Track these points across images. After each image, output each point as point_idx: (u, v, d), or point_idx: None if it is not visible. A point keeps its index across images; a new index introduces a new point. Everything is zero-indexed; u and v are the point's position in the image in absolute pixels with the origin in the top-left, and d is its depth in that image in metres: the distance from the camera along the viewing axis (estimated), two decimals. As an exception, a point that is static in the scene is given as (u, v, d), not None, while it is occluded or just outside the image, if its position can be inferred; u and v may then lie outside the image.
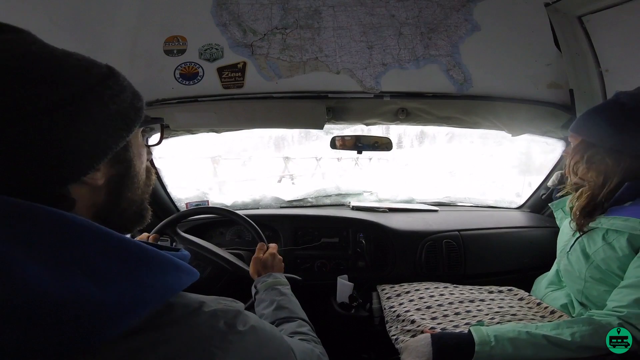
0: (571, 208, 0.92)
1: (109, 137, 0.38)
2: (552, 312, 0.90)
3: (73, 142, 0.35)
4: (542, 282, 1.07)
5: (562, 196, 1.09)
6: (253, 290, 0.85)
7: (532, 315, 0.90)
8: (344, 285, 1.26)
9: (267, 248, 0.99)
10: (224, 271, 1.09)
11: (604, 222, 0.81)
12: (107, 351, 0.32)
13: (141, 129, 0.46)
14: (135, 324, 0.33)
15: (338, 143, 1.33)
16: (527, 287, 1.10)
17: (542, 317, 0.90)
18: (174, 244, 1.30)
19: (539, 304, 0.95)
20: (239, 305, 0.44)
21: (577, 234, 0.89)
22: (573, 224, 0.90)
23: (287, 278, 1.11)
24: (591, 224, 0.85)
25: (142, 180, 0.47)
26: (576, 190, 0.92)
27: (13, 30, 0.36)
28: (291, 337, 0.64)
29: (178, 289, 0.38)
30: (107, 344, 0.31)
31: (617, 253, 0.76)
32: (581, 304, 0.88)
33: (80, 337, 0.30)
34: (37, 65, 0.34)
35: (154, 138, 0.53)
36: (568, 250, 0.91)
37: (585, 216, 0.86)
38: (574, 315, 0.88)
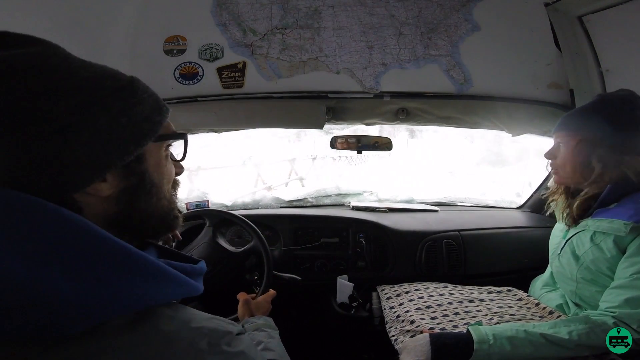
0: (564, 209, 0.92)
1: (114, 151, 0.37)
2: (551, 313, 0.90)
3: (71, 154, 0.35)
4: (537, 283, 1.07)
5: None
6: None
7: (531, 315, 0.90)
8: (344, 286, 1.26)
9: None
10: (230, 273, 1.09)
11: (590, 224, 0.83)
12: (69, 347, 0.32)
13: (165, 142, 0.46)
14: (100, 325, 0.33)
15: (338, 143, 1.33)
16: (527, 288, 1.10)
17: (541, 317, 0.90)
18: (173, 243, 1.30)
19: (537, 304, 0.95)
20: (234, 327, 0.42)
21: (567, 236, 0.90)
22: (568, 221, 0.90)
23: (287, 278, 1.12)
24: (579, 226, 0.86)
25: (165, 192, 0.46)
26: (566, 192, 0.93)
27: (34, 42, 0.37)
28: None
29: (160, 299, 0.37)
30: (68, 340, 0.32)
31: (605, 254, 0.77)
32: (576, 304, 0.88)
33: (40, 326, 0.31)
34: (46, 78, 0.35)
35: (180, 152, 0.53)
36: (559, 252, 0.92)
37: (583, 213, 0.87)
38: (570, 315, 0.88)
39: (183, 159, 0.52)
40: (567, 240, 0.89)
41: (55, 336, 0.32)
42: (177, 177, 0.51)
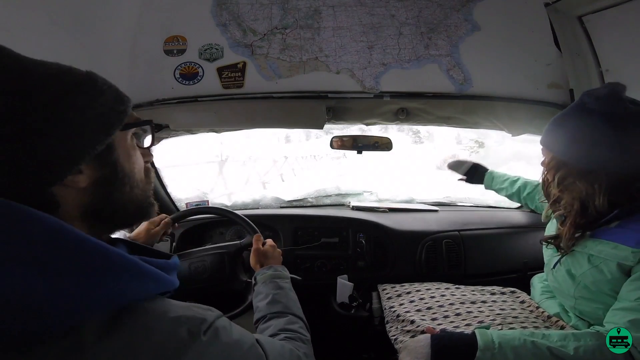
0: (553, 234, 0.85)
1: (86, 141, 0.39)
2: (549, 317, 0.89)
3: (47, 149, 0.36)
4: (536, 285, 1.06)
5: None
6: (252, 282, 0.85)
7: (534, 319, 0.89)
8: (343, 286, 1.26)
9: (264, 240, 0.98)
10: (222, 273, 1.09)
11: (590, 246, 0.76)
12: (48, 349, 0.32)
13: (130, 131, 0.47)
14: (84, 324, 0.34)
15: (338, 143, 1.33)
16: (527, 288, 1.10)
17: (543, 321, 0.89)
18: (174, 244, 1.30)
19: (539, 308, 0.94)
20: (212, 314, 0.43)
21: (559, 252, 0.85)
22: (553, 248, 0.84)
23: None
24: (575, 247, 0.79)
25: (137, 180, 0.47)
26: (555, 209, 0.85)
27: None
28: (278, 334, 0.65)
29: (138, 295, 0.38)
30: (47, 342, 0.32)
31: (607, 276, 0.72)
32: (577, 316, 0.85)
33: (19, 330, 0.31)
34: (7, 78, 0.36)
35: (147, 140, 0.53)
36: (552, 267, 0.88)
37: (572, 240, 0.79)
38: (570, 323, 0.85)
39: (152, 145, 0.52)
40: (560, 257, 0.84)
41: (35, 339, 0.32)
42: (148, 165, 0.51)
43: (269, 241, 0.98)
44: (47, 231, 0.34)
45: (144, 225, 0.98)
